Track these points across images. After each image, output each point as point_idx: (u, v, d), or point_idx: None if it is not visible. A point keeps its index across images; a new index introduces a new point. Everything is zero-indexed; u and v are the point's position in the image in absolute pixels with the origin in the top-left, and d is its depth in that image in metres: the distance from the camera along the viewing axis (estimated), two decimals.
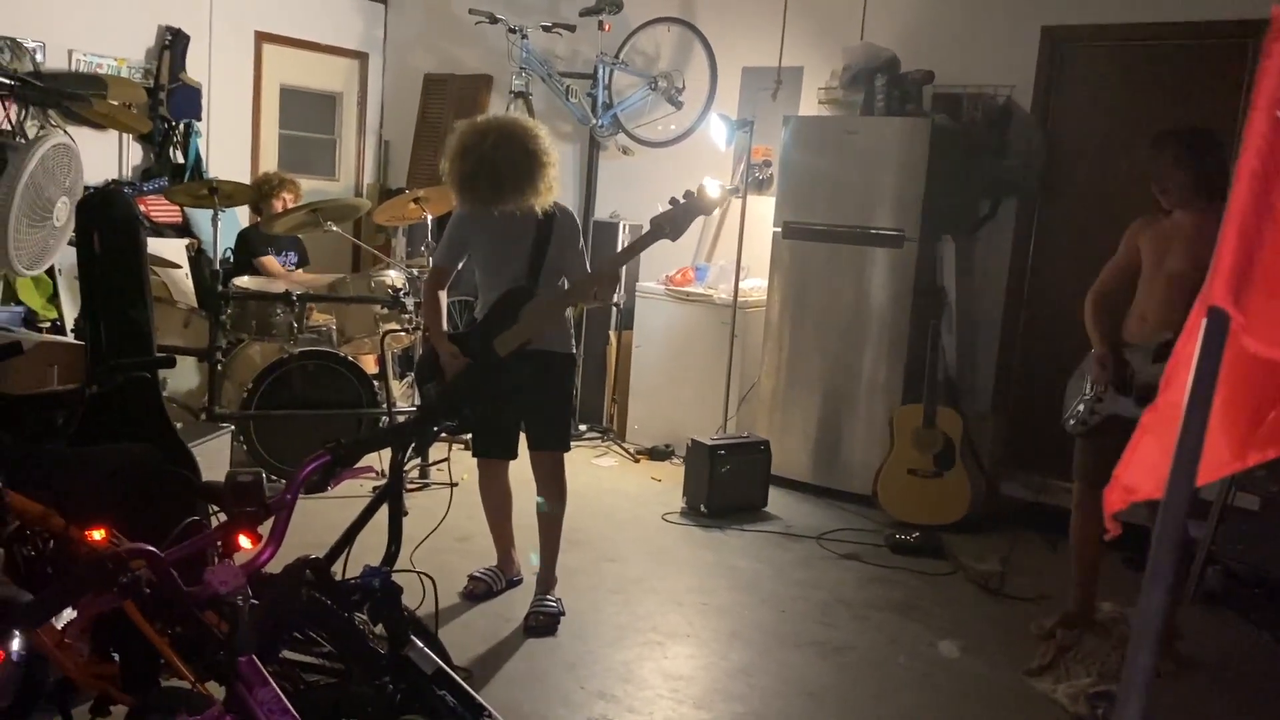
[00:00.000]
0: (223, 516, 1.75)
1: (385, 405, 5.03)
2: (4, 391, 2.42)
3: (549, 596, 3.67)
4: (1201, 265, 3.43)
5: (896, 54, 5.34)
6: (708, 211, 3.70)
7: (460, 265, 3.73)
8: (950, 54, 5.42)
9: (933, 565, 4.47)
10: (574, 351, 3.74)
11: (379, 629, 1.87)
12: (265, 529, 1.75)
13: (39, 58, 6.14)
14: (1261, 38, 4.46)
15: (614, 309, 6.21)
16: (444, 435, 2.88)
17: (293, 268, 5.90)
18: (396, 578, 1.91)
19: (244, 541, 1.72)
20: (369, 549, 2.06)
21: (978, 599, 4.17)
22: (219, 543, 1.68)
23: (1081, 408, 3.64)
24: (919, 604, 4.06)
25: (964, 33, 5.44)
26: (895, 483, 4.98)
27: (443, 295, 3.69)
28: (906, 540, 4.63)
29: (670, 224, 3.43)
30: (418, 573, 2.13)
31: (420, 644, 1.86)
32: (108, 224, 3.19)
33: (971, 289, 5.44)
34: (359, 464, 1.82)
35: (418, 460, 4.66)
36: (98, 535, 2.15)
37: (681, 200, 3.42)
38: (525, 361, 3.48)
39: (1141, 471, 1.11)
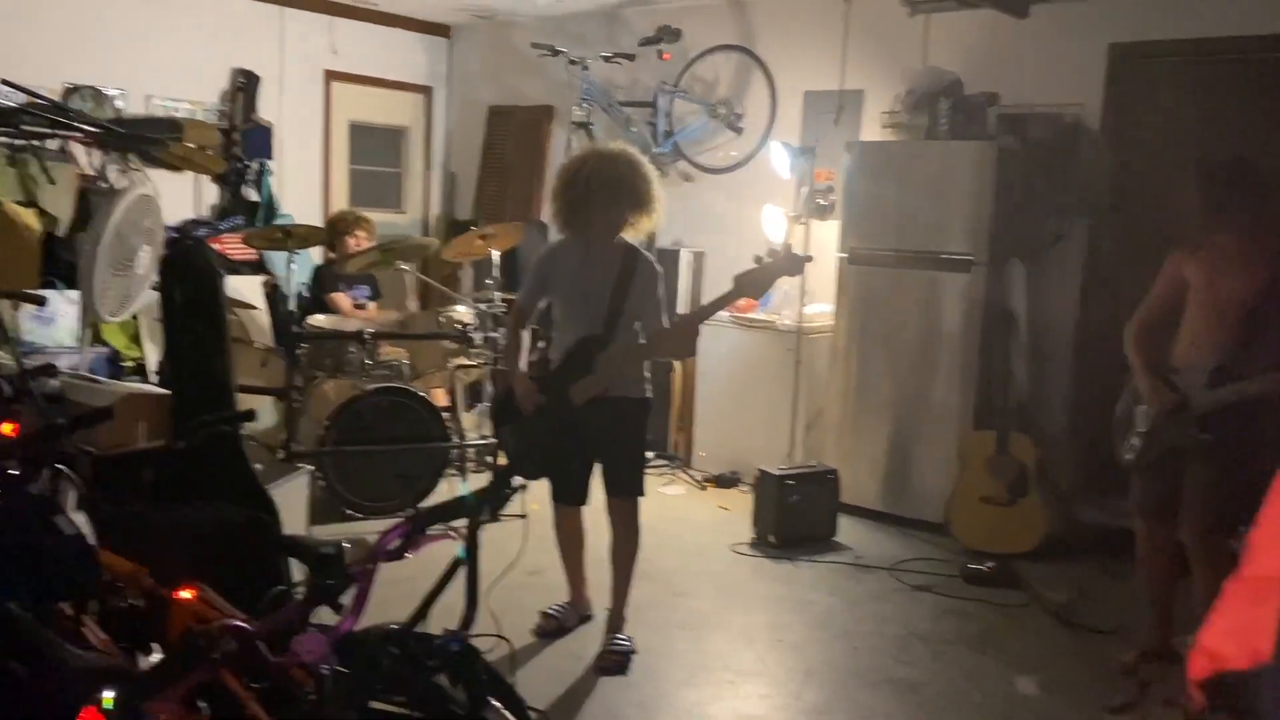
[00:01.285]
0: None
1: (456, 438, 5.12)
2: (94, 450, 2.51)
3: (620, 634, 3.69)
4: (1254, 289, 3.39)
5: (960, 76, 5.29)
6: (794, 273, 3.62)
7: (541, 305, 3.76)
8: (1015, 74, 5.36)
9: (1008, 596, 4.40)
10: (648, 395, 3.70)
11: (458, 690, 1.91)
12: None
13: (119, 104, 6.38)
14: None
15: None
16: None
17: (366, 301, 6.03)
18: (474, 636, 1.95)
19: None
20: (445, 606, 2.11)
21: (1055, 631, 4.10)
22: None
23: (1137, 440, 3.58)
24: (995, 637, 4.00)
25: (1028, 53, 5.37)
26: (968, 511, 4.92)
27: (523, 335, 3.76)
28: (980, 570, 4.57)
29: (753, 285, 3.45)
30: (495, 635, 2.17)
31: (498, 704, 1.89)
32: (189, 277, 3.30)
33: (1042, 312, 5.36)
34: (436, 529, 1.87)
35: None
36: (186, 595, 2.23)
37: (766, 259, 3.42)
38: (600, 408, 3.50)
39: (1229, 640, 1.09)
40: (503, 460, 3.66)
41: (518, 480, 2.04)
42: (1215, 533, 3.44)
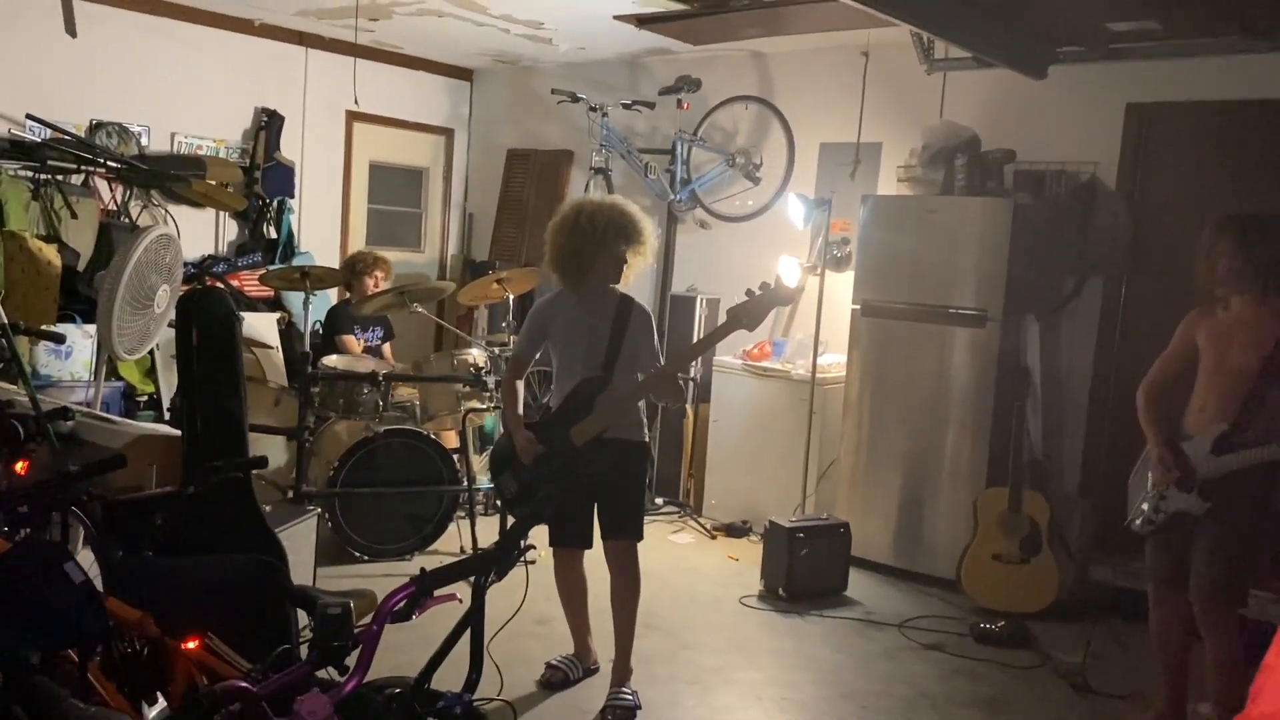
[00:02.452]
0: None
1: (466, 481, 5.11)
2: (105, 495, 2.52)
3: (624, 688, 3.65)
4: (1263, 355, 3.37)
5: (977, 133, 5.32)
6: (786, 303, 3.74)
7: (539, 354, 3.81)
8: (1032, 131, 5.38)
9: (1019, 657, 4.35)
10: (647, 439, 3.76)
11: None
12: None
13: (144, 141, 6.46)
14: None
15: (690, 383, 6.24)
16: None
17: (379, 343, 6.05)
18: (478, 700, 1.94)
19: None
20: (450, 658, 2.09)
21: (1067, 695, 4.04)
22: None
23: (1146, 506, 3.57)
24: (1006, 701, 3.95)
25: (1046, 110, 5.40)
26: (980, 568, 4.87)
27: (520, 385, 3.76)
28: (991, 630, 4.52)
29: (747, 316, 3.46)
30: (499, 699, 2.15)
31: None
32: (206, 320, 3.32)
33: (1057, 369, 5.34)
34: (442, 591, 1.86)
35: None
36: (191, 645, 2.22)
37: (758, 292, 3.44)
38: (600, 450, 3.53)
39: None
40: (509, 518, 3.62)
41: (527, 542, 2.02)
42: (1222, 599, 3.41)
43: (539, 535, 3.66)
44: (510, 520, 3.88)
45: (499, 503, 5.02)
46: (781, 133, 6.33)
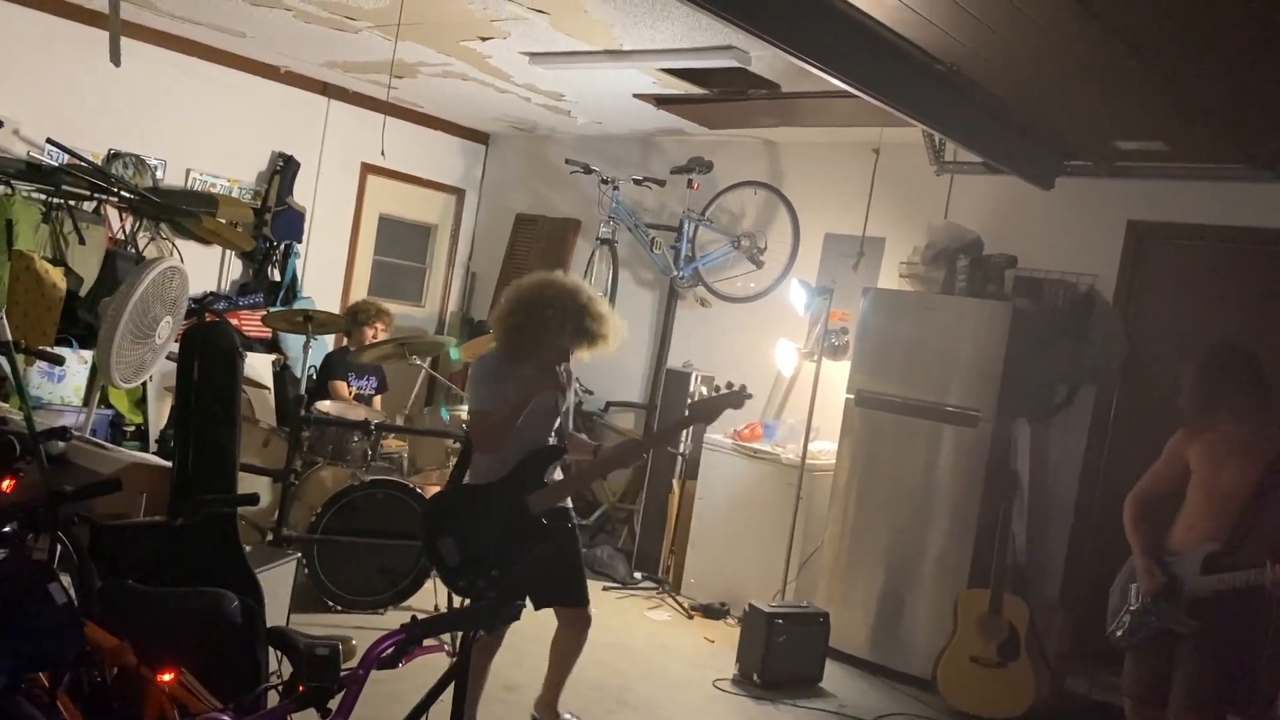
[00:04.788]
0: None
1: None
2: (92, 518, 2.50)
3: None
4: (1253, 479, 3.42)
5: (980, 236, 5.42)
6: (737, 407, 3.67)
7: None
8: (1035, 239, 5.49)
9: None
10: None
11: None
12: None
13: (159, 174, 6.53)
14: None
15: (680, 457, 6.24)
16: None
17: (372, 392, 6.05)
18: None
19: None
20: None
21: None
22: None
23: (1129, 619, 3.56)
24: None
25: (1050, 220, 5.51)
26: (956, 670, 4.83)
27: None
28: None
29: (704, 412, 3.66)
30: None
31: None
32: (210, 355, 3.33)
33: (1045, 475, 5.36)
34: (430, 641, 1.84)
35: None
36: (167, 677, 2.19)
37: (723, 390, 3.62)
38: (556, 517, 3.54)
39: None
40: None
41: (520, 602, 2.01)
42: (1202, 718, 3.38)
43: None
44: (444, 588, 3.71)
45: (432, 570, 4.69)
46: (788, 220, 6.43)
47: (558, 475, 3.65)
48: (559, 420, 3.61)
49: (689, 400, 6.14)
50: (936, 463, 5.20)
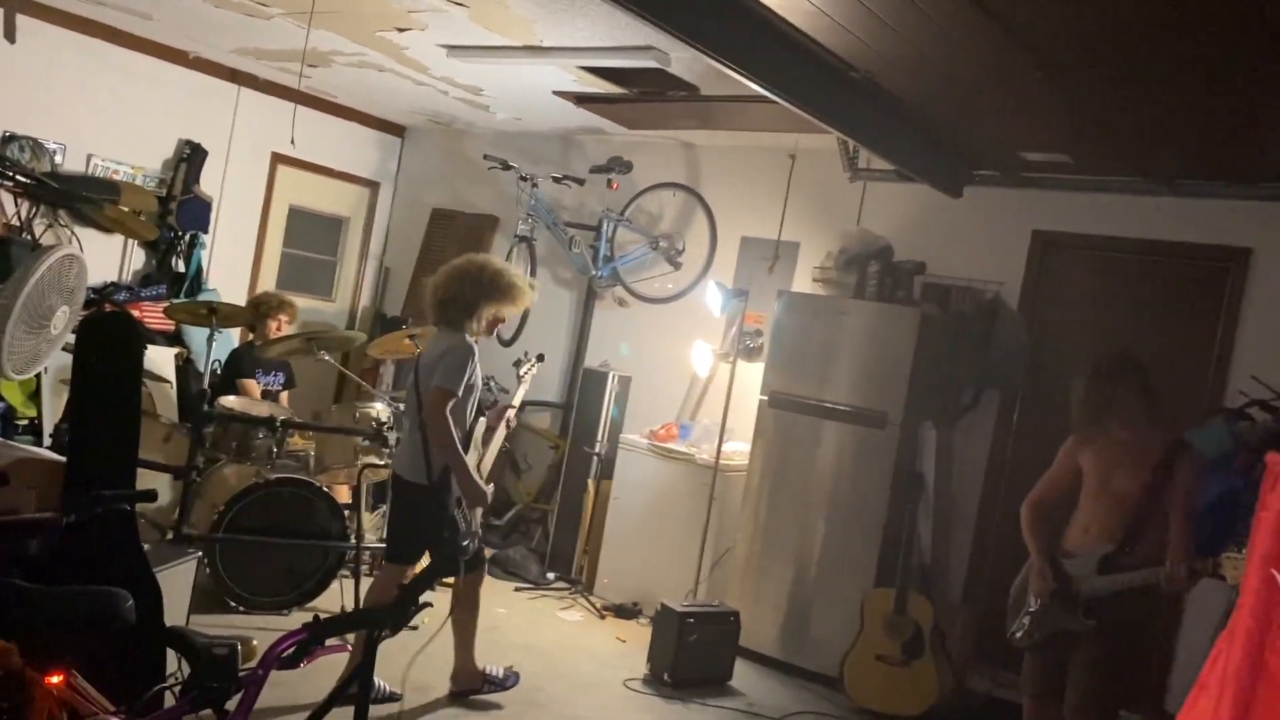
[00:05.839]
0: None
1: (354, 538, 4.97)
2: None
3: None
4: (1143, 483, 3.54)
5: (891, 242, 5.52)
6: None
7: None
8: (943, 246, 5.62)
9: None
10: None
11: None
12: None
13: (58, 159, 6.28)
14: (1241, 265, 4.69)
15: (595, 457, 6.23)
16: None
17: (279, 389, 5.91)
18: None
19: None
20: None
21: None
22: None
23: (1027, 620, 3.66)
24: None
25: (958, 229, 5.65)
26: (862, 668, 4.91)
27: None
28: None
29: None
30: None
31: None
32: (109, 347, 3.20)
33: (949, 477, 5.49)
34: (333, 641, 1.80)
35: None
36: (56, 679, 2.10)
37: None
38: None
39: None
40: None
41: (425, 598, 1.98)
42: (1096, 716, 3.49)
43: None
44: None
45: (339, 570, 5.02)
46: (705, 222, 6.47)
47: None
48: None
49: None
50: (846, 464, 5.28)
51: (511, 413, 4.82)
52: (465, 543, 3.80)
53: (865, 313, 5.34)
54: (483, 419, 4.59)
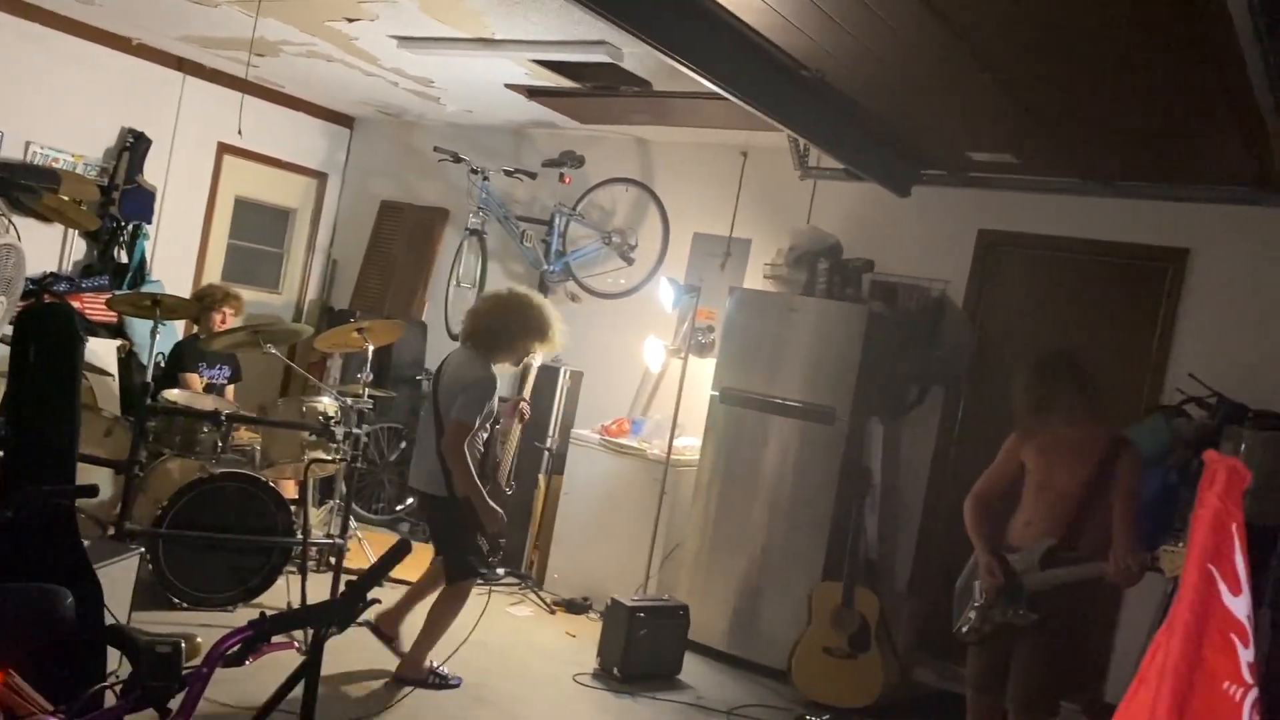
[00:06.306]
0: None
1: (301, 534, 4.91)
2: None
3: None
4: (1087, 483, 3.60)
5: (840, 240, 5.58)
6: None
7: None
8: (891, 245, 5.68)
9: None
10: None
11: None
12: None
13: None
14: (1179, 265, 4.79)
15: (546, 452, 6.22)
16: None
17: (225, 382, 5.83)
18: None
19: None
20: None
21: None
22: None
23: (973, 614, 3.70)
24: None
25: (906, 226, 5.72)
26: (810, 660, 4.96)
27: None
28: None
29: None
30: None
31: None
32: (48, 338, 3.13)
33: (896, 472, 5.56)
34: (279, 638, 1.78)
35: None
36: None
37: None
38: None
39: None
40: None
41: (373, 595, 1.97)
42: (1036, 709, 3.56)
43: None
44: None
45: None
46: (658, 218, 6.49)
47: None
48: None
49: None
50: (795, 459, 5.33)
51: (525, 405, 4.97)
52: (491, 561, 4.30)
53: (814, 310, 5.39)
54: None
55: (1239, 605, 1.19)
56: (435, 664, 4.29)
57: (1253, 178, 4.62)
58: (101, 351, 5.82)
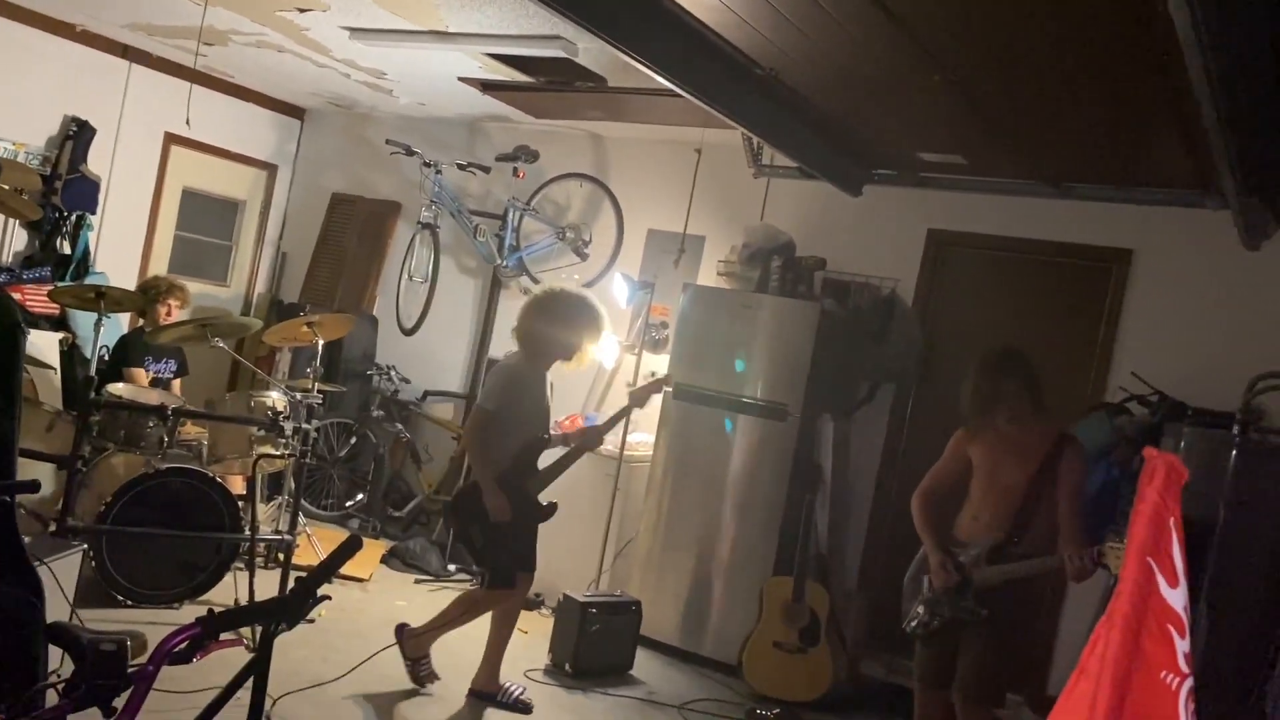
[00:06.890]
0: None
1: (249, 530, 4.85)
2: None
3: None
4: (1033, 478, 3.66)
5: (793, 238, 5.62)
6: (657, 392, 4.88)
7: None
8: (843, 243, 5.74)
9: None
10: None
11: None
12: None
13: None
14: (1123, 265, 4.88)
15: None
16: None
17: (171, 376, 5.73)
18: None
19: None
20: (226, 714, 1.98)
21: None
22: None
23: (921, 609, 3.75)
24: None
25: (856, 226, 5.78)
26: (760, 655, 5.00)
27: None
28: (766, 716, 4.63)
29: (640, 399, 4.66)
30: None
31: None
32: None
33: (846, 468, 5.62)
34: (227, 635, 1.76)
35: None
36: None
37: (652, 378, 4.67)
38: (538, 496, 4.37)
39: None
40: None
41: (323, 590, 1.95)
42: (983, 700, 3.61)
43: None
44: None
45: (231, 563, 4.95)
46: (612, 214, 6.49)
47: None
48: (548, 416, 4.37)
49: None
50: (746, 455, 5.36)
51: (580, 429, 4.89)
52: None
53: (767, 306, 5.42)
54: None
55: (1176, 597, 1.23)
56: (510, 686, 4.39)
57: (1194, 181, 4.73)
58: (43, 344, 5.69)
